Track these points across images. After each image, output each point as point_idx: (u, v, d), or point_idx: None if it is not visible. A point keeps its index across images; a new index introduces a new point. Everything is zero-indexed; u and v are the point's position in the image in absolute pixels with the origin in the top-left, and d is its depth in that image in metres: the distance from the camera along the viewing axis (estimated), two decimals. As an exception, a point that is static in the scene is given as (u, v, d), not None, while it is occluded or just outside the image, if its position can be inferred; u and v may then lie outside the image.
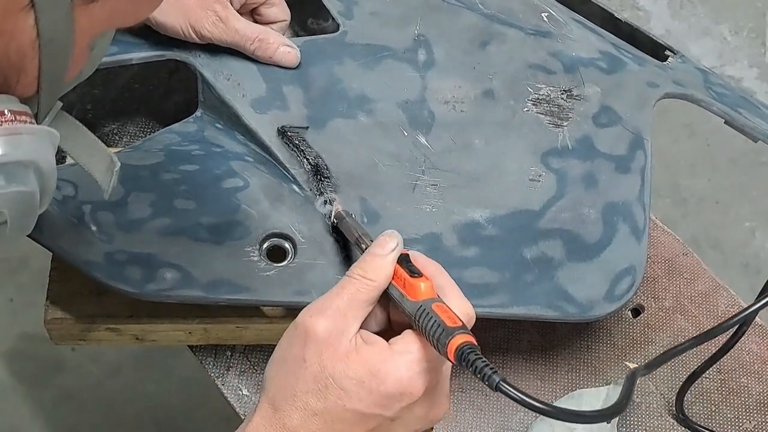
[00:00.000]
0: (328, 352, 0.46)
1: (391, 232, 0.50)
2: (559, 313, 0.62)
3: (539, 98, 0.70)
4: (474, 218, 0.64)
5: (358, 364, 0.46)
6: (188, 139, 0.67)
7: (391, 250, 0.49)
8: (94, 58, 0.45)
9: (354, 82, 0.69)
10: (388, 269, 0.48)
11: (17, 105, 0.40)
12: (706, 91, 0.73)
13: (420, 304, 0.46)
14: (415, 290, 0.47)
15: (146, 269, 0.59)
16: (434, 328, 0.45)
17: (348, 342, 0.46)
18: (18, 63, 0.39)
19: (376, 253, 0.49)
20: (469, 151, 0.67)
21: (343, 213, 0.60)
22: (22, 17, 0.37)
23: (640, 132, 0.69)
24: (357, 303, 0.47)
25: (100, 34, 0.42)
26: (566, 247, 0.64)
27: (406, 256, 0.49)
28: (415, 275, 0.48)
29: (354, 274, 0.48)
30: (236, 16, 0.67)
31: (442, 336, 0.45)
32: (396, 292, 0.48)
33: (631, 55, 0.74)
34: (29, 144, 0.40)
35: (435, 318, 0.45)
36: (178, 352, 1.17)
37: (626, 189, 0.66)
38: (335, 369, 0.46)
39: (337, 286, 0.48)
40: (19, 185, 0.39)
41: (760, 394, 0.70)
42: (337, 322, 0.46)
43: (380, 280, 0.48)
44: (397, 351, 0.47)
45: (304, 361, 0.46)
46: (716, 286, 0.75)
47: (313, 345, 0.46)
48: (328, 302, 0.48)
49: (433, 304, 0.46)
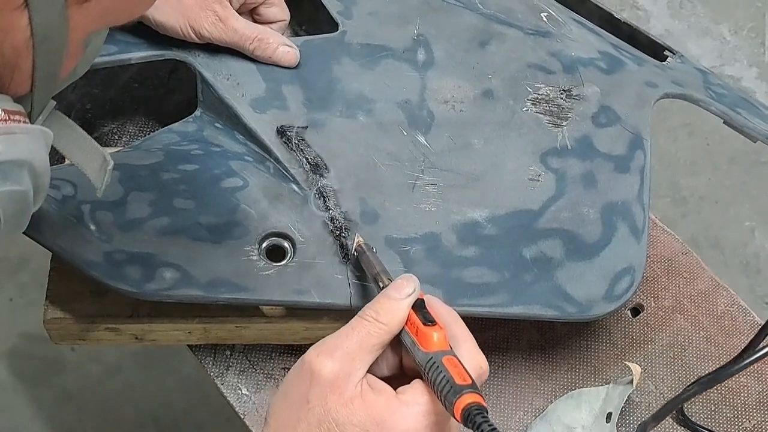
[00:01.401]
0: (333, 396, 0.45)
1: (409, 276, 0.49)
2: (559, 313, 0.62)
3: (538, 98, 0.70)
4: (473, 218, 0.64)
5: (364, 412, 0.45)
6: (188, 138, 0.67)
7: (408, 294, 0.48)
8: (89, 55, 0.45)
9: (353, 81, 0.68)
10: (402, 314, 0.47)
11: (11, 104, 0.40)
12: (705, 91, 0.73)
13: (431, 355, 0.45)
14: (428, 340, 0.46)
15: (145, 269, 0.59)
16: (443, 384, 0.44)
17: (354, 387, 0.45)
18: (12, 61, 0.39)
19: (391, 296, 0.48)
20: (468, 150, 0.67)
21: (364, 246, 0.58)
22: (16, 16, 0.37)
23: (640, 132, 0.69)
24: (367, 346, 0.46)
25: (94, 31, 0.42)
26: (565, 246, 0.64)
27: (421, 302, 0.48)
28: (428, 323, 0.47)
29: (367, 316, 0.47)
30: (235, 16, 0.67)
31: (449, 393, 0.44)
32: (408, 339, 0.47)
33: (631, 55, 0.74)
34: (23, 143, 0.40)
35: (444, 373, 0.44)
36: (178, 351, 1.17)
37: (625, 189, 0.66)
38: (339, 414, 0.45)
39: (347, 325, 0.47)
40: (13, 184, 0.39)
41: (760, 394, 0.70)
42: (344, 364, 0.45)
43: (393, 325, 0.47)
44: (405, 402, 0.45)
45: (308, 402, 0.45)
46: (716, 286, 0.75)
47: (317, 387, 0.45)
48: (337, 342, 0.46)
49: (443, 358, 0.45)
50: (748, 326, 0.73)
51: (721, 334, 0.72)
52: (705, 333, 0.72)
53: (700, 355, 0.71)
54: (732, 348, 0.72)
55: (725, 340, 0.72)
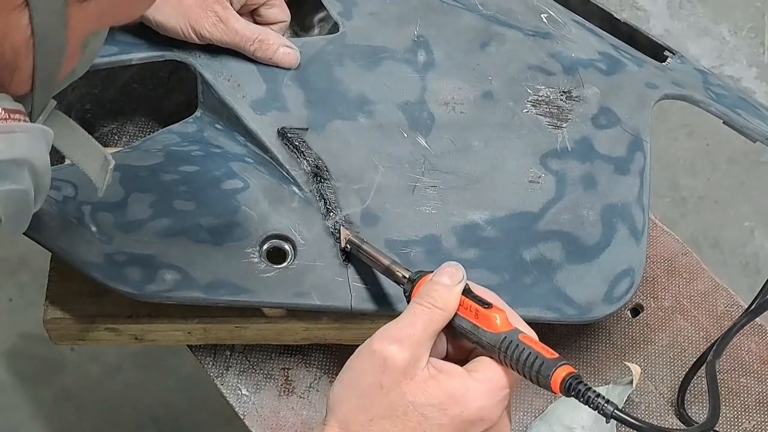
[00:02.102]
0: (407, 381, 0.47)
1: (457, 264, 0.50)
2: (558, 315, 0.62)
3: (539, 99, 0.70)
4: (473, 220, 0.64)
5: (440, 392, 0.47)
6: (188, 139, 0.67)
7: (459, 281, 0.50)
8: (88, 55, 0.45)
9: (354, 83, 0.68)
10: (457, 299, 0.49)
11: (11, 103, 0.40)
12: (705, 92, 0.73)
13: (504, 335, 0.47)
14: (491, 321, 0.48)
15: (146, 270, 0.59)
16: (531, 360, 0.46)
17: (423, 371, 0.47)
18: (12, 61, 0.39)
19: (445, 283, 0.50)
20: (468, 152, 0.67)
21: (356, 240, 0.60)
22: (16, 16, 0.37)
23: (639, 133, 0.69)
24: (430, 332, 0.48)
25: (93, 32, 0.42)
26: (565, 248, 0.64)
27: (467, 286, 0.50)
28: (486, 306, 0.49)
29: (425, 303, 0.49)
30: (236, 17, 0.67)
31: (543, 368, 0.46)
32: (467, 323, 0.49)
33: (630, 57, 0.74)
34: (23, 142, 0.40)
35: (529, 350, 0.46)
36: (178, 351, 1.17)
37: (625, 190, 0.66)
38: (416, 397, 0.47)
39: (408, 313, 0.49)
40: (12, 183, 0.39)
41: (760, 394, 0.70)
42: (413, 351, 0.47)
43: (450, 311, 0.49)
44: (479, 379, 0.48)
45: (382, 388, 0.47)
46: (715, 286, 0.75)
47: (391, 373, 0.47)
48: (403, 331, 0.48)
49: (519, 336, 0.47)
50: (748, 326, 0.72)
51: (721, 335, 0.72)
52: (705, 333, 0.72)
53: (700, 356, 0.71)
54: (732, 348, 0.71)
55: None
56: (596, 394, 0.45)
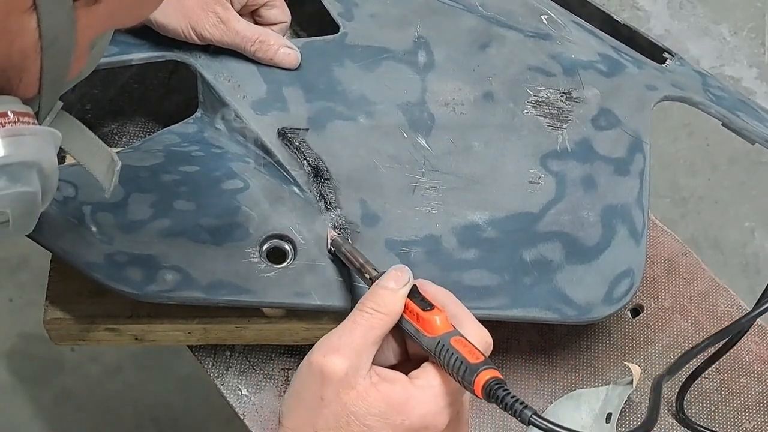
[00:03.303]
0: (347, 391, 0.46)
1: (403, 267, 0.50)
2: (558, 316, 0.62)
3: (539, 100, 0.70)
4: (473, 220, 0.64)
5: (381, 401, 0.46)
6: (188, 140, 0.67)
7: (404, 284, 0.49)
8: (94, 56, 0.45)
9: (354, 83, 0.69)
10: (401, 303, 0.48)
11: (19, 106, 0.40)
12: (704, 94, 0.73)
13: (438, 339, 0.46)
14: (430, 325, 0.47)
15: (147, 270, 0.59)
16: (457, 365, 0.45)
17: (363, 380, 0.46)
18: (20, 64, 0.39)
19: (388, 286, 0.49)
20: (468, 153, 0.67)
21: (339, 240, 0.59)
22: (25, 18, 0.37)
23: (639, 135, 0.69)
24: (370, 339, 0.47)
25: (101, 34, 0.42)
26: (565, 249, 0.64)
27: (415, 287, 0.49)
28: (427, 309, 0.48)
29: (367, 308, 0.48)
30: (237, 18, 0.67)
31: (467, 373, 0.45)
32: (410, 327, 0.48)
33: (630, 58, 0.74)
34: (32, 145, 0.40)
35: (456, 354, 0.45)
36: (178, 352, 1.17)
37: (625, 192, 0.66)
38: (357, 407, 0.46)
39: (348, 320, 0.48)
40: (23, 186, 0.39)
41: (760, 394, 0.70)
42: (351, 359, 0.46)
43: (393, 315, 0.48)
44: (420, 386, 0.47)
45: (322, 400, 0.47)
46: (715, 286, 0.75)
47: (330, 385, 0.46)
48: (341, 339, 0.47)
49: (451, 339, 0.46)
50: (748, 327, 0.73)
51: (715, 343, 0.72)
52: (705, 333, 0.72)
53: (700, 356, 0.71)
54: (732, 348, 0.71)
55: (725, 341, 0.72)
56: (515, 399, 0.44)
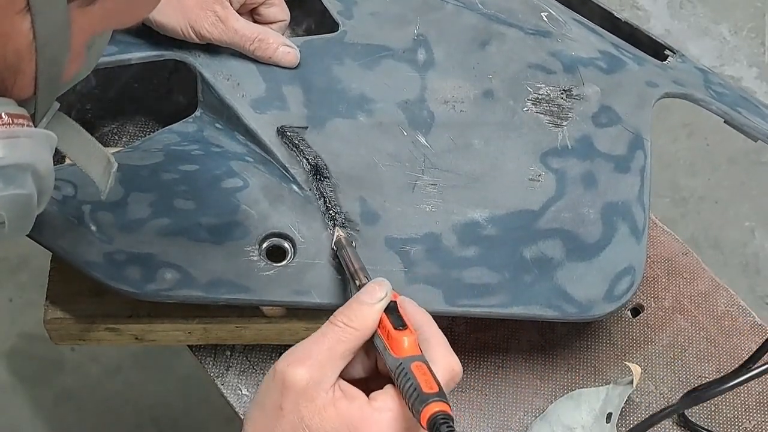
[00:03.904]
0: (306, 403, 0.45)
1: (381, 280, 0.49)
2: (559, 313, 0.62)
3: (539, 98, 0.70)
4: (474, 218, 0.64)
5: (336, 419, 0.45)
6: (188, 139, 0.67)
7: (379, 299, 0.48)
8: (92, 57, 0.45)
9: (353, 82, 0.68)
10: (374, 319, 0.47)
11: (14, 108, 0.40)
12: (705, 91, 0.73)
13: (400, 361, 0.45)
14: (398, 345, 0.46)
15: (146, 269, 0.59)
16: (410, 391, 0.44)
17: (325, 393, 0.46)
18: (15, 65, 0.39)
19: (363, 300, 0.48)
20: (468, 151, 0.67)
21: (344, 241, 0.59)
22: (18, 20, 0.37)
23: (640, 132, 0.69)
24: (337, 353, 0.46)
25: (97, 34, 0.42)
26: (566, 247, 0.64)
27: (394, 304, 0.48)
28: (399, 328, 0.46)
29: (338, 321, 0.47)
30: (236, 16, 0.67)
31: (416, 402, 0.44)
32: (380, 344, 0.47)
33: (631, 55, 0.74)
34: (26, 147, 0.40)
35: (412, 380, 0.44)
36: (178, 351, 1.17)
37: (626, 189, 0.66)
38: (312, 421, 0.45)
39: (318, 332, 0.47)
40: (16, 188, 0.39)
41: (760, 394, 0.70)
42: (313, 372, 0.46)
43: (364, 330, 0.47)
44: (377, 408, 0.46)
45: (281, 409, 0.46)
46: (716, 286, 0.75)
47: (290, 395, 0.46)
48: (307, 350, 0.46)
49: (412, 364, 0.45)
50: (748, 326, 0.73)
51: (721, 335, 0.73)
52: (705, 333, 0.73)
53: (700, 356, 0.71)
54: (732, 348, 0.72)
55: (725, 340, 0.72)
56: None
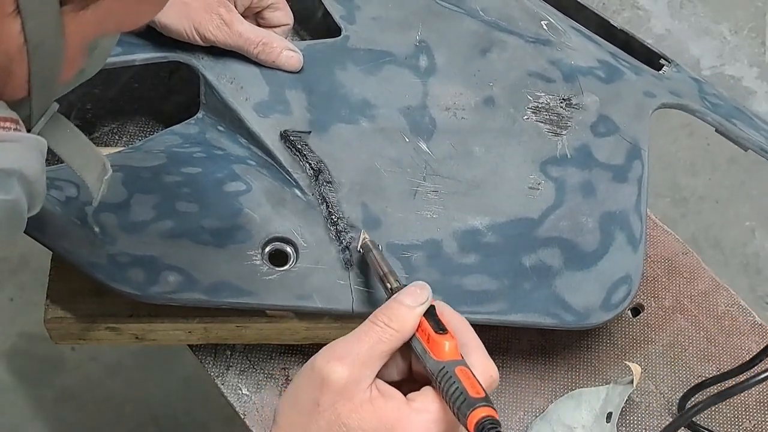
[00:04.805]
0: (344, 401, 0.46)
1: (423, 284, 0.49)
2: (557, 321, 0.62)
3: (539, 106, 0.70)
4: (474, 225, 0.65)
5: (374, 417, 0.46)
6: (189, 141, 0.68)
7: (421, 303, 0.48)
8: (97, 58, 0.45)
9: (356, 87, 0.69)
10: (414, 321, 0.48)
11: (2, 110, 0.40)
12: (701, 101, 0.73)
13: (443, 365, 0.46)
14: (439, 348, 0.46)
15: (149, 272, 0.59)
16: (456, 395, 0.45)
17: (363, 392, 0.46)
18: (5, 67, 0.39)
19: (405, 302, 0.48)
20: (469, 158, 0.67)
21: (370, 244, 0.59)
22: (8, 23, 0.37)
23: (638, 142, 0.70)
24: (377, 352, 0.47)
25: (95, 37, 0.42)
26: (564, 255, 0.64)
27: (432, 308, 0.48)
28: (440, 332, 0.47)
29: (379, 321, 0.47)
30: (240, 20, 0.68)
31: (463, 406, 0.44)
32: (419, 346, 0.47)
33: (629, 65, 0.75)
34: (12, 152, 0.39)
35: (457, 384, 0.45)
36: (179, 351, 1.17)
37: (623, 198, 0.67)
38: (350, 419, 0.46)
39: (359, 330, 0.48)
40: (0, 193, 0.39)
41: (760, 394, 0.70)
42: (353, 370, 0.46)
43: (405, 332, 0.48)
44: (415, 409, 0.46)
45: (318, 406, 0.46)
46: (716, 286, 0.75)
47: (328, 392, 0.46)
48: (348, 348, 0.47)
49: (456, 368, 0.45)
50: (749, 326, 0.73)
51: (721, 334, 0.72)
52: (705, 333, 0.72)
53: (701, 355, 0.71)
54: (732, 348, 0.72)
55: (725, 340, 0.72)
56: None
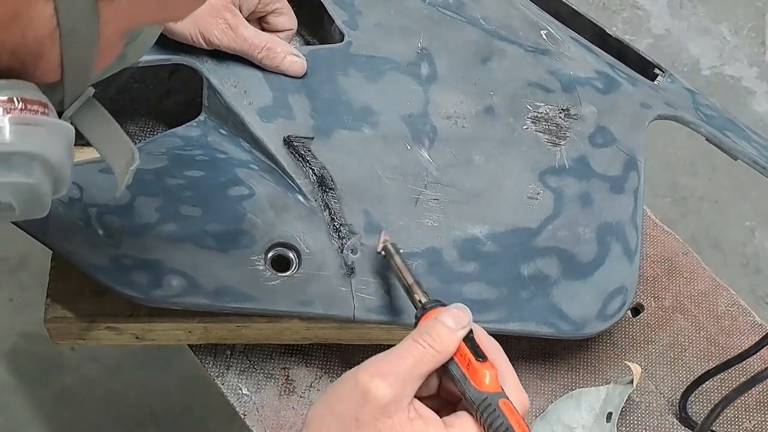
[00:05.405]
0: (384, 419, 0.46)
1: (464, 307, 0.49)
2: (554, 330, 0.64)
3: (538, 116, 0.71)
4: (474, 234, 0.65)
5: None
6: (191, 143, 0.67)
7: (463, 326, 0.49)
8: (136, 49, 0.44)
9: (358, 93, 0.69)
10: (455, 345, 0.48)
11: (31, 93, 0.39)
12: (695, 113, 0.74)
13: (485, 396, 0.47)
14: (480, 377, 0.47)
15: (152, 275, 0.60)
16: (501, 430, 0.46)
17: (403, 411, 0.47)
18: (36, 50, 0.38)
19: (448, 325, 0.48)
20: (469, 166, 0.68)
21: (392, 248, 0.59)
22: (39, 6, 0.37)
23: (634, 153, 0.71)
24: (418, 372, 0.47)
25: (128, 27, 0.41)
26: (562, 265, 0.65)
27: (471, 332, 0.49)
28: (479, 359, 0.48)
29: (422, 341, 0.48)
30: (245, 24, 0.68)
31: None
32: (458, 371, 0.48)
33: (626, 76, 0.76)
34: (36, 136, 0.38)
35: (503, 420, 0.46)
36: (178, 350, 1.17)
37: (620, 209, 0.68)
38: None
39: (400, 348, 0.48)
40: (21, 176, 0.38)
41: (760, 394, 0.71)
42: (396, 389, 0.46)
43: (445, 354, 0.48)
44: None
45: (357, 420, 0.46)
46: (716, 286, 0.75)
47: (369, 408, 0.46)
48: (390, 366, 0.47)
49: (500, 401, 0.46)
50: (749, 326, 0.74)
51: (721, 334, 0.73)
52: (705, 333, 0.73)
53: (701, 355, 0.72)
54: (732, 348, 0.72)
55: (725, 340, 0.73)
56: None
